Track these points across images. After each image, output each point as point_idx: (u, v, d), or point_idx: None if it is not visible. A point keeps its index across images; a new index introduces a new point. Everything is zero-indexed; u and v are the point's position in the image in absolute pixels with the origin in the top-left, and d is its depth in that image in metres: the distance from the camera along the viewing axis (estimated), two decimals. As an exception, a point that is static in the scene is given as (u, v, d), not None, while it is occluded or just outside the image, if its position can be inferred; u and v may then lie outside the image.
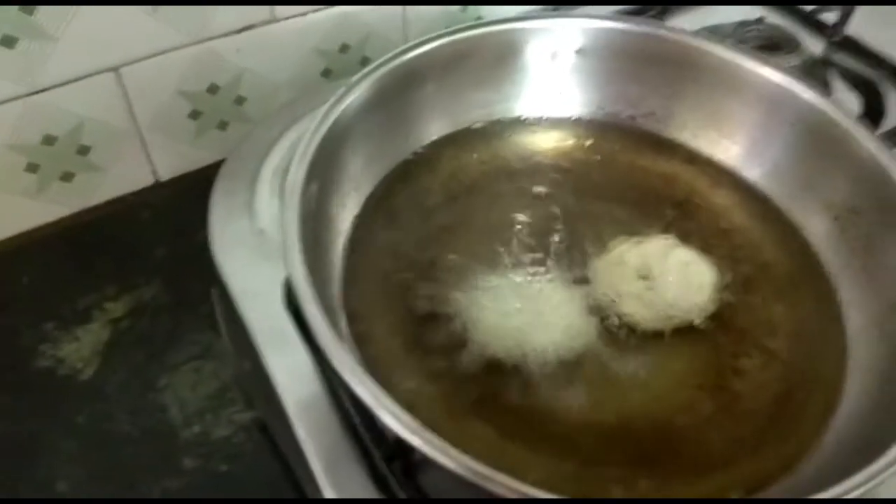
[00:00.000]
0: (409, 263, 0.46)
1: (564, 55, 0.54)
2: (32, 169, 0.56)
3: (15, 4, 0.49)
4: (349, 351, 0.35)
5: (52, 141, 0.56)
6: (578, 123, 0.55)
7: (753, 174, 0.52)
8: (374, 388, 0.32)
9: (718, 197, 0.51)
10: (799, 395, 0.42)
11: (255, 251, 0.47)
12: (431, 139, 0.53)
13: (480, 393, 0.40)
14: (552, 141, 0.54)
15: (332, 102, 0.45)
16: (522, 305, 0.43)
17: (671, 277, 0.44)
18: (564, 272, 0.45)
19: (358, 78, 0.46)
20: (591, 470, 0.38)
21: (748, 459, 0.39)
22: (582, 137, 0.54)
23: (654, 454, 0.39)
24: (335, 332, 0.35)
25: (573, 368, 0.41)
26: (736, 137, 0.52)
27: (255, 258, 0.46)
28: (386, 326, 0.43)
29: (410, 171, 0.51)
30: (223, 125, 0.64)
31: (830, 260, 0.47)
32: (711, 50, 0.51)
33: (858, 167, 0.46)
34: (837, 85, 0.65)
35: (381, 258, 0.46)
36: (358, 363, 0.34)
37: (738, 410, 0.41)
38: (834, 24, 0.69)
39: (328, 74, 0.67)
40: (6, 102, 0.52)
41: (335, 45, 0.65)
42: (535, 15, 0.61)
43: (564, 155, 0.54)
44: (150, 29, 0.55)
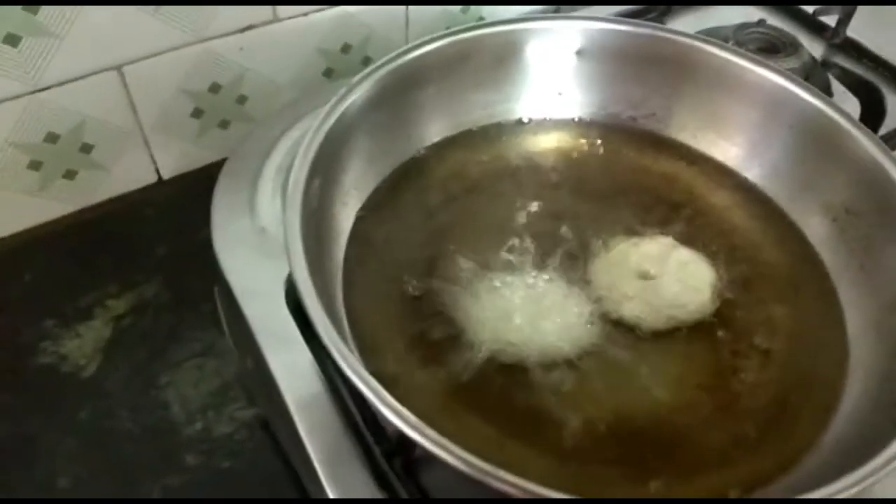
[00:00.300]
0: (410, 262, 0.46)
1: (565, 56, 0.54)
2: (35, 167, 0.57)
3: (19, 4, 0.49)
4: (350, 348, 0.35)
5: (54, 139, 0.56)
6: (579, 124, 0.55)
7: (753, 175, 0.52)
8: (375, 384, 0.33)
9: (718, 197, 0.52)
10: (798, 394, 0.42)
11: (256, 249, 0.47)
12: (433, 140, 0.53)
13: (480, 392, 0.41)
14: (553, 141, 0.55)
15: (334, 102, 0.45)
16: (523, 305, 0.43)
17: (671, 277, 0.44)
18: (565, 272, 0.46)
19: (360, 78, 0.47)
20: (590, 468, 0.38)
21: (747, 458, 0.39)
22: (582, 138, 0.55)
23: (653, 453, 0.39)
24: (336, 329, 0.35)
25: (573, 368, 0.41)
26: (736, 138, 0.52)
27: (256, 256, 0.46)
28: (386, 324, 0.43)
29: (412, 170, 0.51)
30: (225, 124, 0.64)
31: (830, 260, 0.47)
32: (711, 51, 0.52)
33: (857, 168, 0.46)
34: (838, 87, 0.65)
35: (382, 257, 0.46)
36: (358, 360, 0.35)
37: (737, 410, 0.41)
38: (834, 26, 0.69)
39: (330, 74, 0.67)
40: (9, 100, 0.53)
41: (337, 45, 0.65)
42: (535, 16, 0.61)
43: (565, 155, 0.54)
44: (152, 28, 0.55)
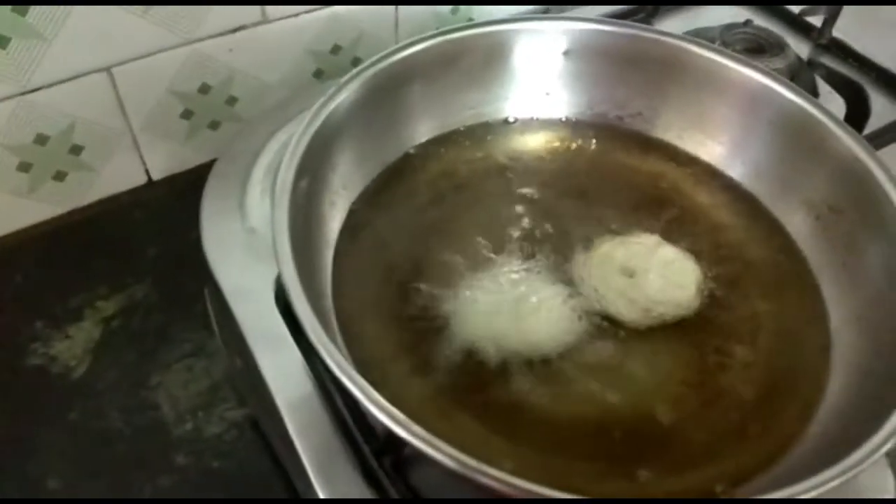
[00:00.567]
0: (399, 261, 0.46)
1: (552, 57, 0.54)
2: (25, 168, 0.57)
3: (8, 4, 0.49)
4: (339, 347, 0.35)
5: (44, 140, 0.56)
6: (566, 124, 0.56)
7: (737, 173, 0.53)
8: (363, 383, 0.33)
9: (703, 196, 0.52)
10: (782, 389, 0.42)
11: (246, 250, 0.47)
12: (421, 139, 0.53)
13: (468, 389, 0.41)
14: (540, 141, 0.55)
15: (322, 101, 0.45)
16: (509, 302, 0.43)
17: (656, 275, 0.45)
18: (551, 270, 0.46)
19: (348, 78, 0.47)
20: (576, 464, 0.39)
21: (732, 453, 0.40)
22: (570, 138, 0.55)
23: (638, 449, 0.40)
24: (325, 329, 0.35)
25: (559, 365, 0.42)
26: (720, 137, 0.53)
27: (246, 257, 0.47)
28: (375, 323, 0.43)
29: (400, 170, 0.52)
30: (215, 125, 0.64)
31: (813, 257, 0.48)
32: (697, 52, 0.52)
33: (840, 167, 0.47)
34: (824, 87, 0.65)
35: (370, 256, 0.47)
36: (348, 359, 0.35)
37: (722, 405, 0.42)
38: (820, 26, 0.70)
39: (320, 75, 0.67)
40: (-2, 102, 0.53)
41: (327, 45, 0.66)
42: (523, 17, 0.62)
43: (552, 155, 0.54)
44: (142, 29, 0.55)
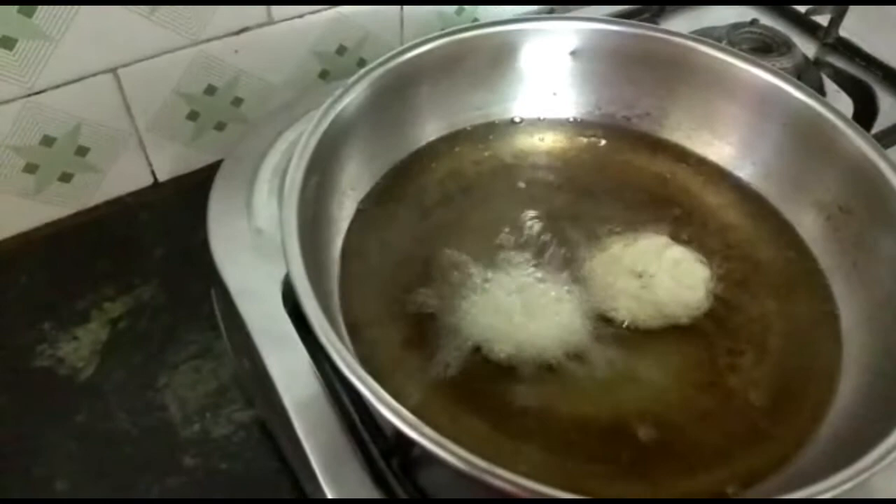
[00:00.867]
0: (406, 261, 0.46)
1: (559, 57, 0.54)
2: (31, 170, 0.57)
3: (14, 5, 0.49)
4: (347, 347, 0.35)
5: (50, 142, 0.56)
6: (574, 124, 0.56)
7: (747, 174, 0.52)
8: (373, 383, 0.33)
9: (712, 196, 0.52)
10: (793, 390, 0.42)
11: (253, 251, 0.47)
12: (428, 140, 0.53)
13: (475, 390, 0.41)
14: (548, 141, 0.55)
15: (329, 103, 0.45)
16: (518, 304, 0.43)
17: (665, 276, 0.44)
18: (559, 271, 0.46)
19: (355, 79, 0.47)
20: (586, 466, 0.39)
21: (743, 455, 0.40)
22: (577, 138, 0.55)
23: (649, 450, 0.39)
24: (334, 329, 0.35)
25: (568, 366, 0.42)
26: (729, 137, 0.53)
27: (253, 258, 0.46)
28: (382, 323, 0.43)
29: (407, 171, 0.51)
30: (221, 126, 0.64)
31: (823, 258, 0.48)
32: (704, 51, 0.52)
33: (850, 167, 0.47)
34: (830, 86, 0.65)
35: (377, 257, 0.46)
36: (356, 359, 0.35)
37: (732, 406, 0.41)
38: (827, 25, 0.70)
39: (325, 76, 0.67)
40: (5, 103, 0.53)
41: (332, 46, 0.66)
42: (530, 17, 0.61)
43: (560, 155, 0.54)
44: (148, 31, 0.55)
